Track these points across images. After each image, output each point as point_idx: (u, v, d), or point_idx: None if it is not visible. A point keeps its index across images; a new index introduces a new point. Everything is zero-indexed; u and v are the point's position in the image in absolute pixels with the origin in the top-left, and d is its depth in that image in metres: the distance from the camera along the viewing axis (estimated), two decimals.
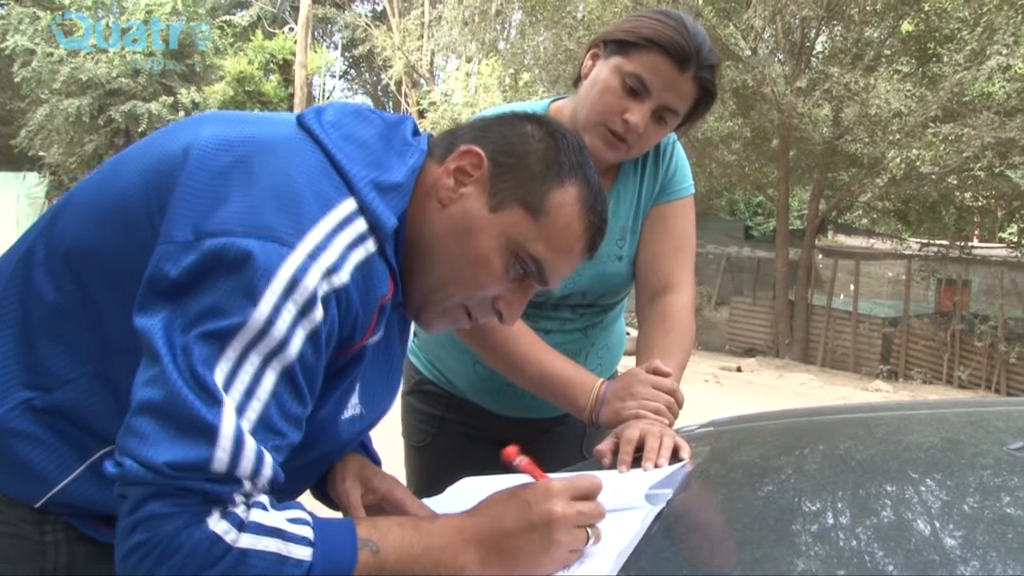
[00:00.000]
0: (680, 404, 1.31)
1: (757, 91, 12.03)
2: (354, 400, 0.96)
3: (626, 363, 1.70)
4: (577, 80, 1.47)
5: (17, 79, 18.73)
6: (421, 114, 17.88)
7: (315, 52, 19.95)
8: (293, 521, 0.80)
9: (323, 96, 22.44)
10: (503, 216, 0.93)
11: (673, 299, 1.48)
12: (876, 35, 12.71)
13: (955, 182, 12.25)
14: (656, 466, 1.11)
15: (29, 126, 18.98)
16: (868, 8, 12.11)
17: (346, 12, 21.10)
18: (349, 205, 0.86)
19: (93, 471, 0.92)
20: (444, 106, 16.90)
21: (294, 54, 18.11)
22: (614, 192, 1.52)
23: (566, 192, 0.94)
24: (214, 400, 0.76)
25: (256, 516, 0.79)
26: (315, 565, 0.79)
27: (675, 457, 1.14)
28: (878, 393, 10.66)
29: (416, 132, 1.01)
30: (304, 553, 0.79)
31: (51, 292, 0.91)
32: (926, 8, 12.12)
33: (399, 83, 19.11)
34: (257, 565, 0.77)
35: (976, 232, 18.21)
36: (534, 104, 1.57)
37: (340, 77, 25.97)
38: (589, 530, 0.85)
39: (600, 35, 1.44)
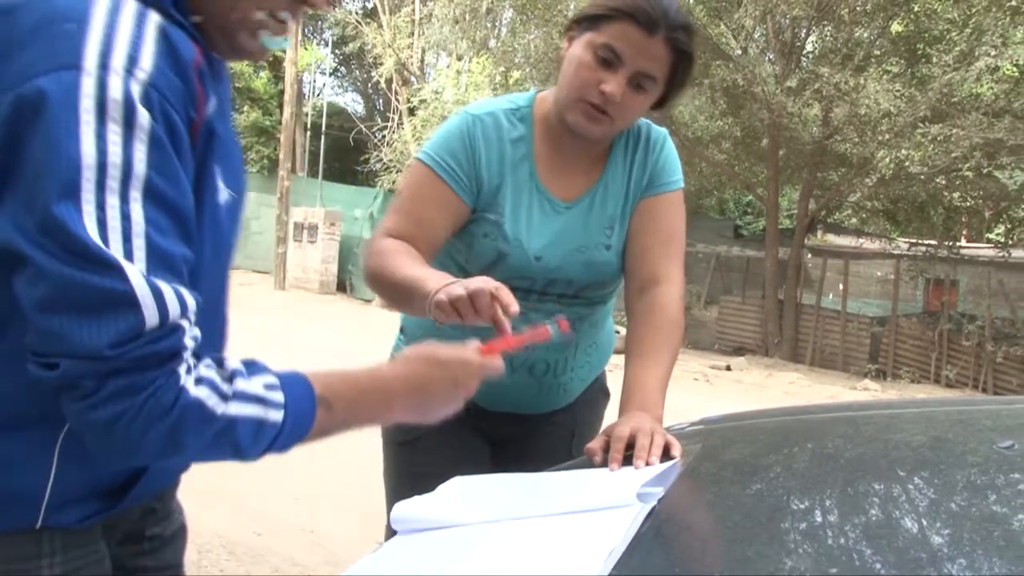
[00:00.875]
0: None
1: (747, 90, 12.04)
2: (221, 184, 0.93)
3: (615, 362, 1.71)
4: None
5: None
6: (412, 111, 17.84)
7: (305, 49, 19.88)
8: (269, 387, 0.85)
9: (313, 93, 22.36)
10: None
11: (662, 292, 1.47)
12: (866, 35, 12.75)
13: (943, 182, 12.32)
14: (647, 464, 1.11)
15: None
16: (858, 8, 12.15)
17: (337, 9, 21.01)
18: None
19: (68, 454, 0.89)
20: (434, 104, 16.86)
21: (284, 51, 18.03)
22: (602, 181, 1.53)
23: None
24: (107, 266, 0.74)
25: (240, 385, 0.83)
26: (284, 426, 0.86)
27: (666, 455, 1.14)
28: (866, 392, 10.70)
29: None
30: (278, 416, 0.85)
31: None
32: (916, 9, 12.17)
33: (390, 80, 19.03)
34: (241, 431, 0.83)
35: (964, 232, 18.29)
36: (521, 95, 1.57)
37: (330, 74, 25.89)
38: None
39: (573, 16, 1.46)
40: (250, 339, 8.72)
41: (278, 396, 0.86)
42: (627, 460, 1.14)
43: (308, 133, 20.55)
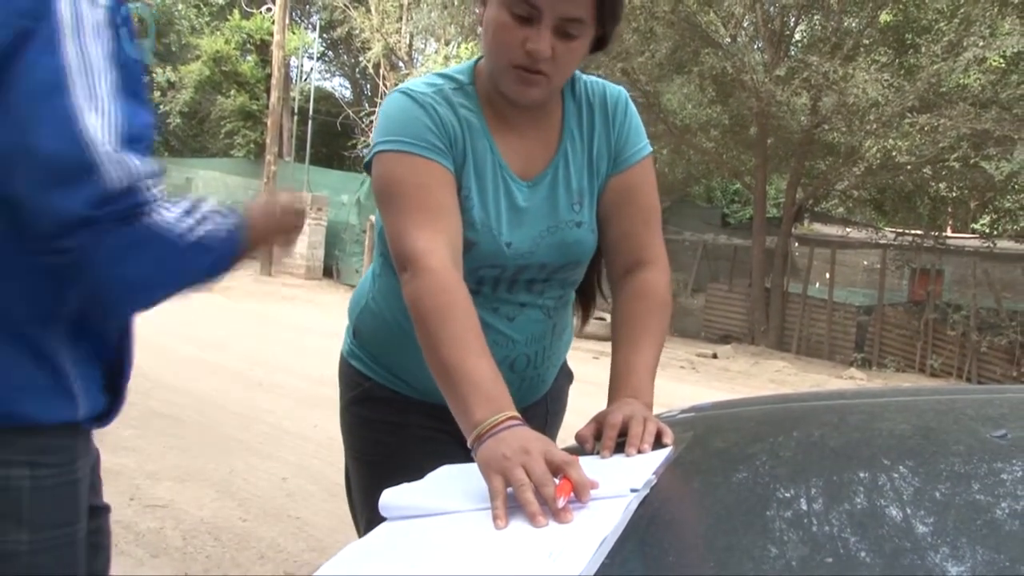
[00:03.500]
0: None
1: (736, 79, 12.06)
2: None
3: (600, 348, 1.70)
4: None
5: None
6: None
7: (293, 33, 19.71)
8: (221, 214, 1.10)
9: (300, 78, 22.21)
10: None
11: (649, 274, 1.41)
12: (855, 25, 12.77)
13: (930, 172, 12.40)
14: (639, 451, 1.10)
15: None
16: None
17: None
18: None
19: (75, 336, 1.09)
20: None
21: (271, 35, 17.88)
22: (561, 152, 1.40)
23: None
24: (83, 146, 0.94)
25: (206, 207, 1.08)
26: (235, 240, 1.11)
27: (658, 442, 1.13)
28: (852, 381, 10.78)
29: None
30: (232, 228, 1.11)
31: None
32: None
33: (377, 65, 18.94)
34: (211, 245, 1.07)
35: (950, 222, 18.42)
36: (457, 68, 1.42)
37: (318, 59, 25.71)
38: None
39: None
40: (238, 321, 8.70)
41: (231, 218, 1.12)
42: (619, 447, 1.13)
43: (295, 118, 20.42)
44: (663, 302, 1.41)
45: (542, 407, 1.59)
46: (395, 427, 1.48)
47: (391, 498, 0.99)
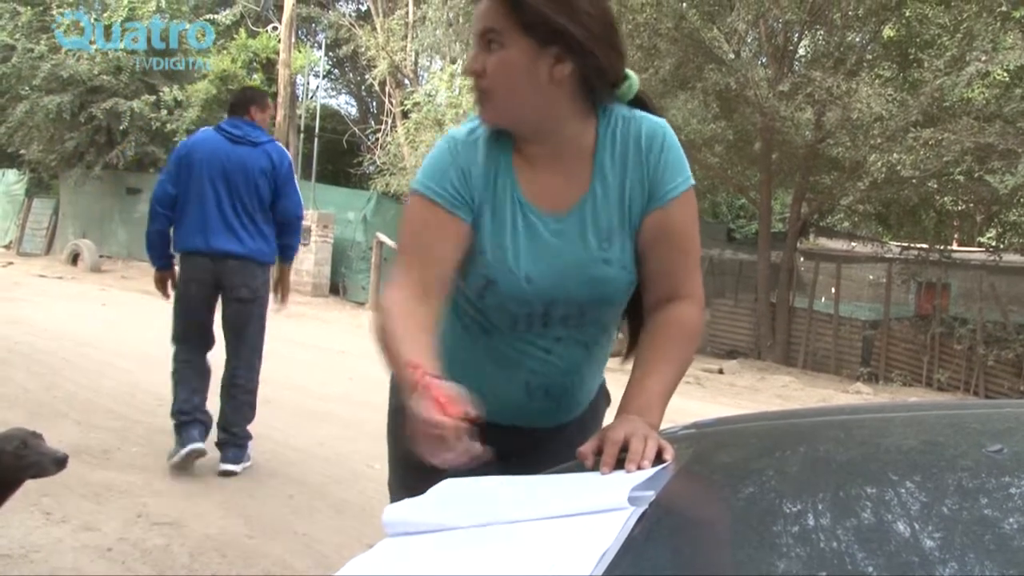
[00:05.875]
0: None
1: (740, 94, 12.09)
2: None
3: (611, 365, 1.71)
4: None
5: None
6: (405, 114, 17.83)
7: (299, 51, 19.81)
8: None
9: (306, 96, 22.33)
10: None
11: (678, 308, 1.40)
12: (858, 40, 12.82)
13: (935, 186, 12.38)
14: (639, 468, 1.10)
15: (9, 123, 18.72)
16: (850, 13, 12.21)
17: (330, 12, 21.00)
18: None
19: None
20: (428, 106, 16.86)
21: (278, 53, 17.99)
22: (591, 191, 1.41)
23: None
24: None
25: None
26: None
27: (658, 459, 1.14)
28: (859, 395, 10.73)
29: None
30: None
31: None
32: (907, 14, 12.24)
33: (383, 83, 19.02)
34: None
35: (955, 236, 18.38)
36: None
37: (324, 76, 25.85)
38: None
39: None
40: None
41: None
42: (620, 463, 1.14)
43: (301, 135, 20.49)
44: (689, 333, 1.40)
45: (575, 425, 1.60)
46: None
47: (393, 515, 1.00)
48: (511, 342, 1.46)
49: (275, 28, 18.98)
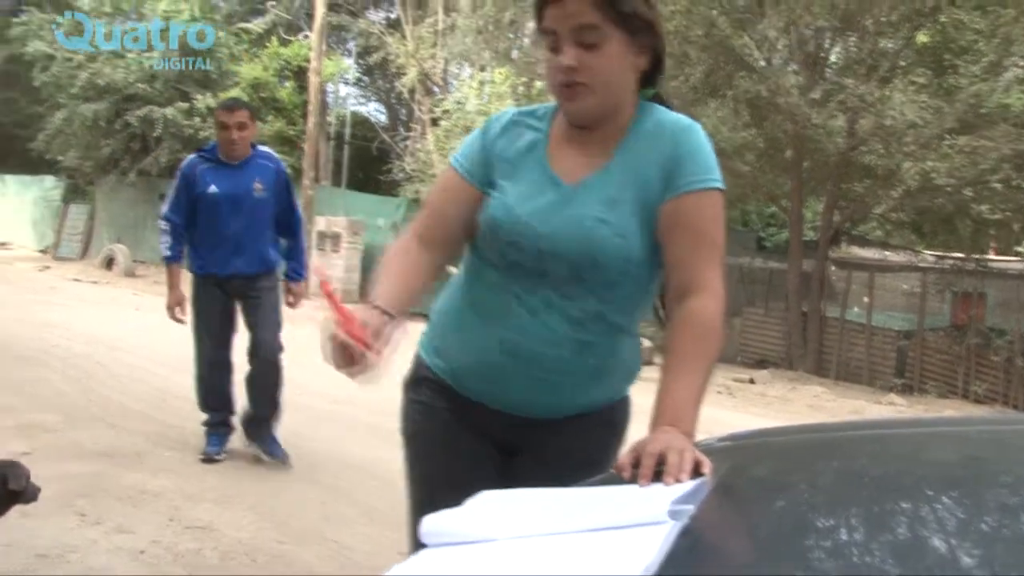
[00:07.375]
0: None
1: (771, 102, 11.99)
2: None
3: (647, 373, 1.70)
4: None
5: (36, 84, 18.90)
6: (434, 122, 17.91)
7: (329, 59, 19.97)
8: None
9: (337, 103, 22.50)
10: None
11: (697, 303, 1.40)
12: (891, 46, 12.65)
13: (971, 194, 12.17)
14: (677, 482, 1.10)
15: (47, 130, 19.14)
16: (883, 19, 12.07)
17: (360, 20, 21.17)
18: None
19: None
20: (457, 114, 16.93)
21: (308, 61, 18.14)
22: (606, 167, 1.51)
23: None
24: None
25: None
26: None
27: (696, 472, 1.13)
28: (892, 407, 10.57)
29: None
30: None
31: None
32: (942, 19, 12.07)
33: (412, 91, 19.11)
34: None
35: (992, 245, 18.08)
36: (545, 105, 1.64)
37: (354, 84, 26.04)
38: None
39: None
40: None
41: None
42: (657, 476, 1.13)
43: (332, 143, 20.67)
44: (710, 329, 1.40)
45: (555, 435, 1.61)
46: (429, 408, 1.70)
47: (432, 525, 1.00)
48: (499, 293, 1.55)
49: (306, 36, 19.15)
